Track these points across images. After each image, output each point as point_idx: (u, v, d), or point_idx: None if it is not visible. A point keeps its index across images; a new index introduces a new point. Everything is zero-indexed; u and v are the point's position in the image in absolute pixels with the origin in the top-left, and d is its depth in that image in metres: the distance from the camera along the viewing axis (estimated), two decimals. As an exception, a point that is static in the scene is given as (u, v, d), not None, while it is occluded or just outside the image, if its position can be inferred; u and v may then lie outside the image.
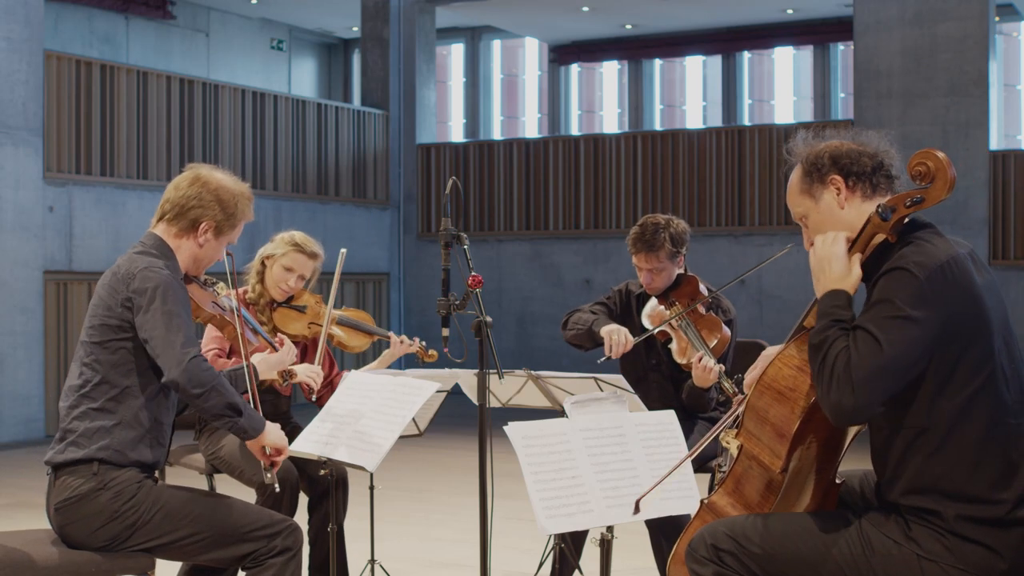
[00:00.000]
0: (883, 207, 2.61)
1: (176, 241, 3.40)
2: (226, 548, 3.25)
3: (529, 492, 3.00)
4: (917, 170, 2.63)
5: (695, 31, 16.03)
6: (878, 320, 2.51)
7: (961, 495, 2.54)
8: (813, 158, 2.74)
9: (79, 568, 3.18)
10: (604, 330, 4.33)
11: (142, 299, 3.19)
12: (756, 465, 2.80)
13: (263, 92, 12.26)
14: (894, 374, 2.49)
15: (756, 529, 2.67)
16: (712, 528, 2.73)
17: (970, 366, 2.53)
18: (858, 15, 11.58)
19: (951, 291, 2.53)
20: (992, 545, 2.52)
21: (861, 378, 2.47)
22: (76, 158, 10.10)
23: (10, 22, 9.46)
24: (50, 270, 9.78)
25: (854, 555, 2.58)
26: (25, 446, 9.26)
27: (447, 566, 5.53)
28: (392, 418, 3.64)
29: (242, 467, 4.12)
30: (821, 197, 2.74)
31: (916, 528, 2.56)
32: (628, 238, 4.48)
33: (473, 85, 17.23)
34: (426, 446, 8.21)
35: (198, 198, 3.37)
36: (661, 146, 12.72)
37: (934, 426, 2.54)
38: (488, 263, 13.28)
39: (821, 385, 2.54)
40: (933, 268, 2.52)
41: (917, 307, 2.49)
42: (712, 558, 2.67)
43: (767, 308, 12.00)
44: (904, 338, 2.48)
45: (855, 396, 2.47)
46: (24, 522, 5.94)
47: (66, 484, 3.20)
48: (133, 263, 3.27)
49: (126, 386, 3.23)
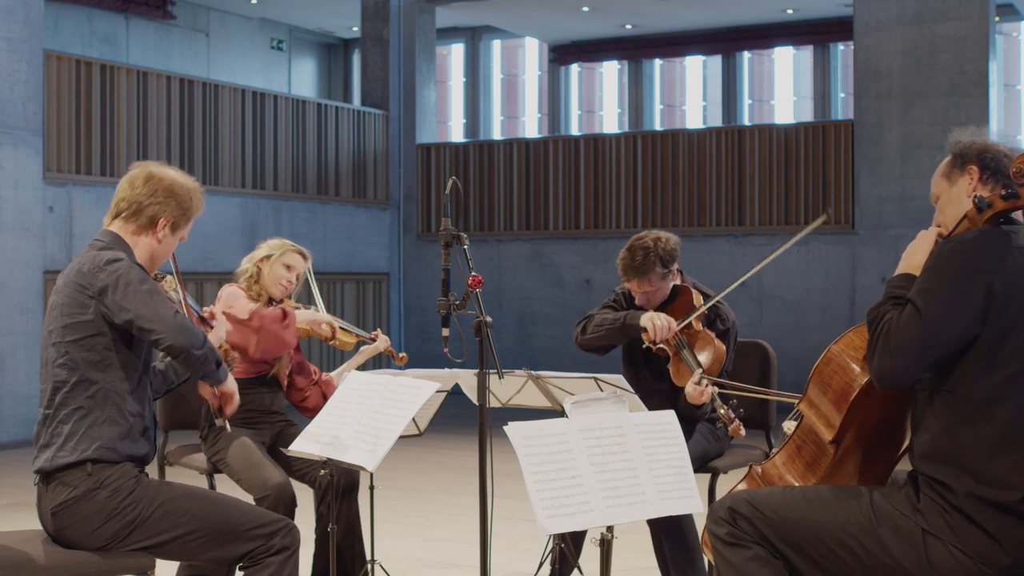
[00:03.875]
0: (980, 198, 2.73)
1: (134, 238, 3.38)
2: (225, 547, 3.24)
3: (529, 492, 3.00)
4: (1018, 167, 2.72)
5: (695, 31, 16.03)
6: (922, 291, 2.66)
7: (978, 473, 2.59)
8: (963, 148, 2.89)
9: (79, 568, 3.17)
10: (644, 318, 4.29)
11: (115, 288, 3.18)
12: (812, 437, 2.93)
13: (263, 92, 12.26)
14: (930, 341, 2.62)
15: (775, 497, 2.80)
16: (738, 494, 2.88)
17: (1012, 347, 2.61)
18: (858, 15, 11.58)
19: (997, 267, 2.62)
20: (995, 534, 2.54)
21: (898, 344, 2.63)
22: (76, 158, 10.11)
23: (10, 22, 9.46)
24: (50, 270, 9.78)
25: (861, 524, 2.66)
26: (25, 446, 9.26)
27: (447, 566, 5.53)
28: (392, 418, 3.64)
29: (242, 475, 4.15)
30: (956, 182, 2.88)
31: (924, 500, 2.62)
32: (618, 263, 4.43)
33: (473, 85, 17.23)
34: (426, 446, 8.21)
35: (153, 195, 3.37)
36: (661, 146, 12.72)
37: (971, 396, 2.62)
38: (488, 263, 13.28)
39: (871, 353, 2.70)
40: (983, 243, 2.64)
41: (962, 280, 2.62)
42: (728, 519, 2.83)
43: (767, 308, 12.00)
44: (941, 308, 2.61)
45: (893, 360, 2.64)
46: (24, 522, 5.94)
47: (60, 489, 3.18)
48: (96, 259, 3.25)
49: (106, 382, 3.22)
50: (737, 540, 2.77)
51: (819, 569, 2.73)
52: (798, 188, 12.01)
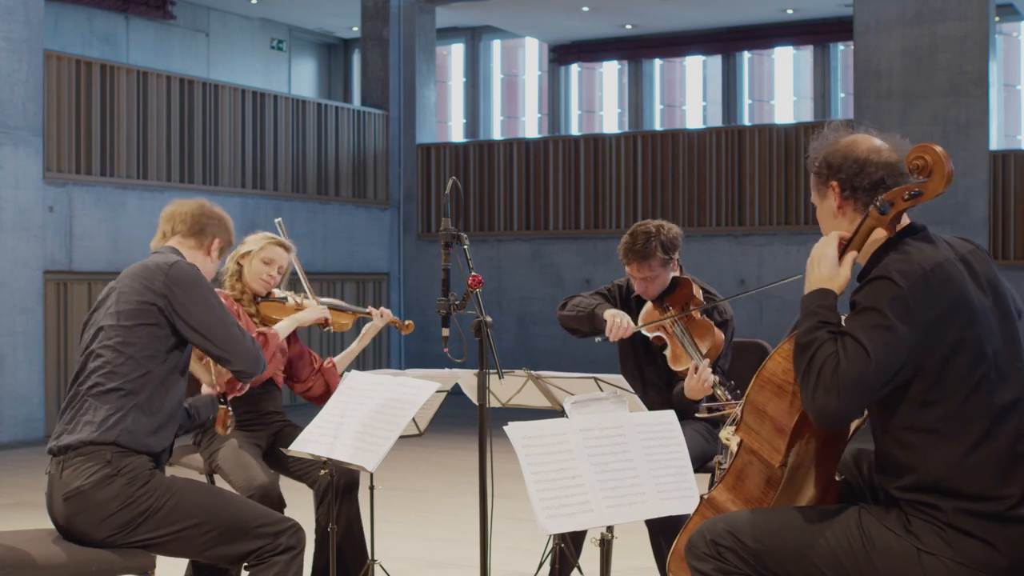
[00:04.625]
0: (881, 200, 2.63)
1: (192, 253, 3.52)
2: (231, 543, 3.25)
3: (529, 492, 3.00)
4: (915, 163, 2.65)
5: (695, 31, 16.03)
6: (866, 328, 2.53)
7: (960, 493, 2.54)
8: (820, 164, 2.78)
9: (80, 567, 3.18)
10: (607, 313, 4.34)
11: (181, 287, 3.29)
12: (756, 460, 2.81)
13: (263, 92, 12.26)
14: (878, 381, 2.51)
15: (755, 524, 2.68)
16: (712, 524, 2.75)
17: (959, 372, 2.54)
18: (858, 15, 11.58)
19: (933, 300, 2.54)
20: (991, 540, 2.52)
21: (848, 384, 2.49)
22: (76, 158, 10.11)
23: (10, 22, 9.46)
24: (50, 270, 9.78)
25: (854, 548, 2.59)
26: (25, 446, 9.27)
27: (447, 566, 5.53)
28: (392, 418, 3.64)
29: (231, 475, 4.15)
30: (826, 196, 2.78)
31: (916, 522, 2.57)
32: (619, 248, 4.47)
33: (473, 85, 17.23)
34: (426, 446, 8.21)
35: (210, 218, 3.56)
36: (661, 146, 12.72)
37: (927, 430, 2.55)
38: (488, 263, 13.28)
39: (806, 387, 2.56)
40: (915, 278, 2.54)
41: (900, 317, 2.51)
42: (712, 554, 2.69)
43: (767, 308, 12.01)
44: (889, 347, 2.50)
45: (840, 401, 2.50)
46: (24, 522, 5.94)
47: (78, 471, 3.19)
48: (165, 258, 3.37)
49: (149, 370, 3.27)
50: (726, 575, 2.67)
51: None
52: (798, 188, 12.01)
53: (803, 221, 11.93)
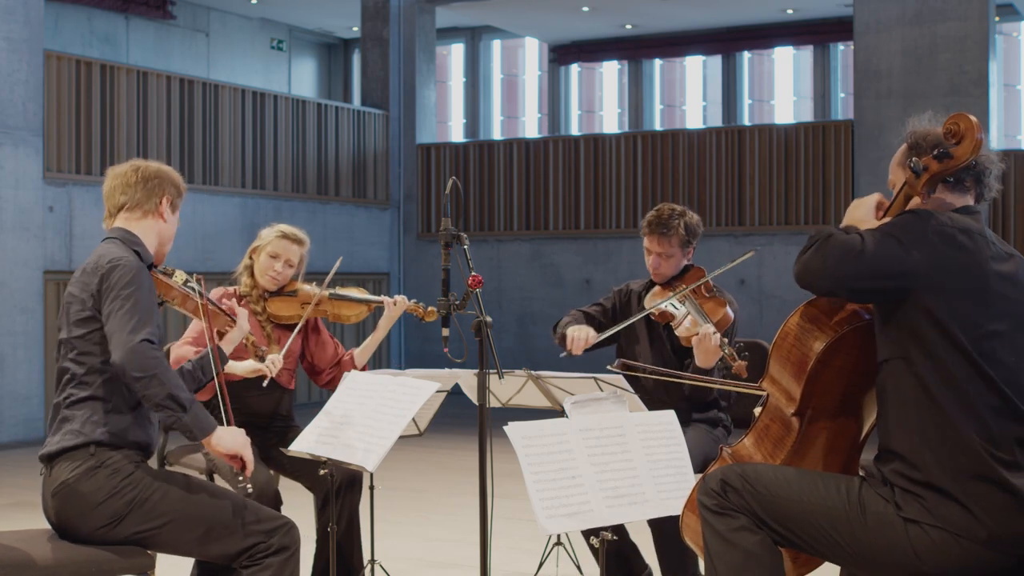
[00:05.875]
0: (915, 162, 2.77)
1: (139, 225, 3.49)
2: (222, 539, 3.24)
3: (529, 492, 3.00)
4: (948, 128, 2.78)
5: (695, 31, 16.03)
6: (875, 233, 2.71)
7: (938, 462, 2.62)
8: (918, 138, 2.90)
9: (79, 567, 3.17)
10: (569, 330, 4.43)
11: (108, 285, 3.28)
12: (776, 414, 2.96)
13: (263, 92, 12.26)
14: (864, 269, 2.67)
15: (767, 474, 2.81)
16: (729, 467, 2.89)
17: (959, 325, 2.62)
18: (858, 15, 11.58)
19: (948, 245, 2.66)
20: (969, 505, 2.57)
21: (835, 250, 2.70)
22: (76, 158, 10.10)
23: (10, 22, 9.46)
24: (50, 270, 9.78)
25: (848, 512, 2.70)
26: (25, 446, 9.27)
27: (447, 566, 5.53)
28: (392, 418, 3.64)
29: (226, 474, 4.13)
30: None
31: (898, 492, 2.66)
32: (643, 221, 4.58)
33: (473, 85, 17.23)
34: (426, 446, 8.21)
35: (147, 181, 3.51)
36: (661, 146, 12.72)
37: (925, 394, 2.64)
38: (488, 263, 13.28)
39: (804, 251, 2.78)
40: (942, 226, 2.68)
41: (911, 240, 2.66)
42: (719, 491, 2.83)
43: (767, 308, 12.01)
44: (886, 248, 2.66)
45: (825, 261, 2.71)
46: (24, 522, 5.94)
47: (64, 467, 3.24)
48: (101, 257, 3.36)
49: (112, 372, 3.27)
50: (724, 510, 2.80)
51: (804, 545, 2.78)
52: (798, 188, 12.02)
53: (803, 221, 11.93)
